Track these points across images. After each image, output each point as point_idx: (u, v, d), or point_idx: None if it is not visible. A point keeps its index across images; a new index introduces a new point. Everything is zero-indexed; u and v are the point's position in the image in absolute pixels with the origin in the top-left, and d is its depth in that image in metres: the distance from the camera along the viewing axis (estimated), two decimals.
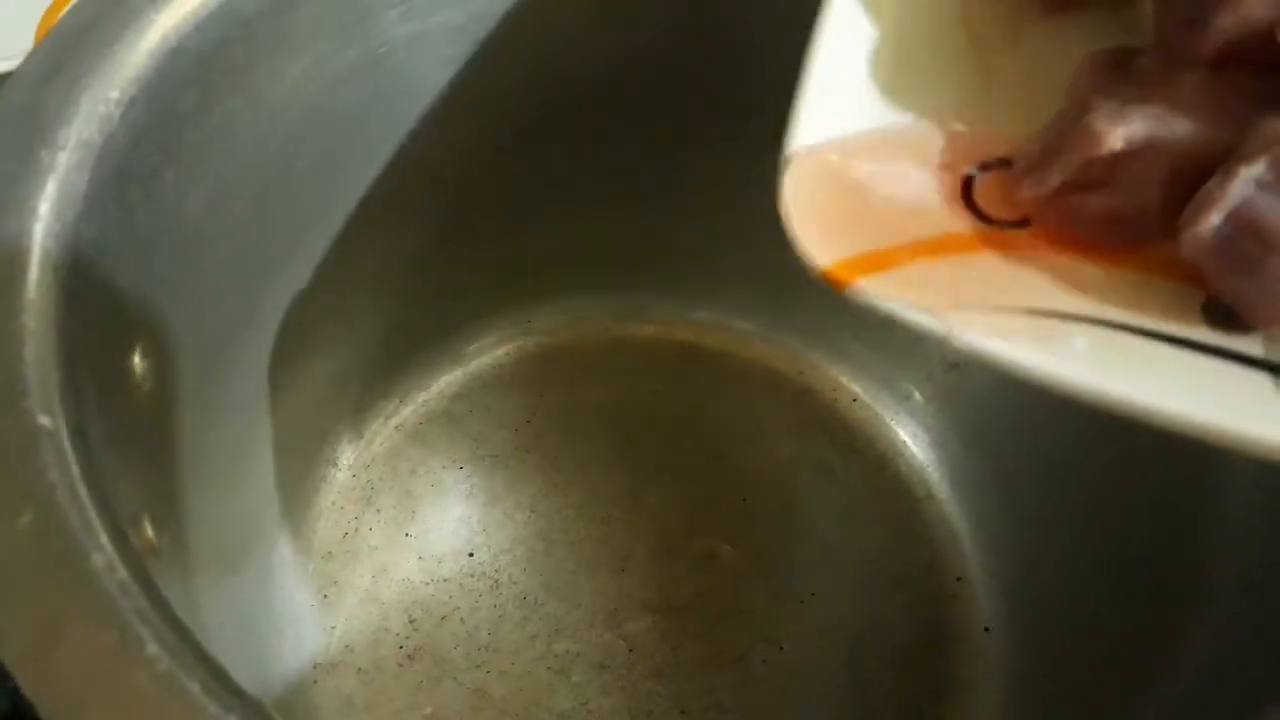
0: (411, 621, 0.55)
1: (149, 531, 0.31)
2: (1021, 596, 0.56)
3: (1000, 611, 0.57)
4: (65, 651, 0.23)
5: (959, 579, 0.58)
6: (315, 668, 0.53)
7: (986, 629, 0.56)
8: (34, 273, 0.29)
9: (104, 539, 0.25)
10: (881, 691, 0.54)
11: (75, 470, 0.26)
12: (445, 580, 0.56)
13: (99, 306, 0.32)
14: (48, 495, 0.25)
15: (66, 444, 0.27)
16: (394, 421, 0.61)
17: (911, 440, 0.63)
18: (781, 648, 0.55)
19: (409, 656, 0.53)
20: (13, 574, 0.24)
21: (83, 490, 0.26)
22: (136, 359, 0.34)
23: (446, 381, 0.62)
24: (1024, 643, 0.55)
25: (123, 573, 0.24)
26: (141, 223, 0.35)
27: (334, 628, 0.54)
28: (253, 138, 0.42)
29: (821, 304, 0.63)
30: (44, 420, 0.26)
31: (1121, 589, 0.49)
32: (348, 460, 0.59)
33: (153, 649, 0.23)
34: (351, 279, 0.53)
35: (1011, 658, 0.55)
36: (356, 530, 0.57)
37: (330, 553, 0.56)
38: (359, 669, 0.53)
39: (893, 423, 0.63)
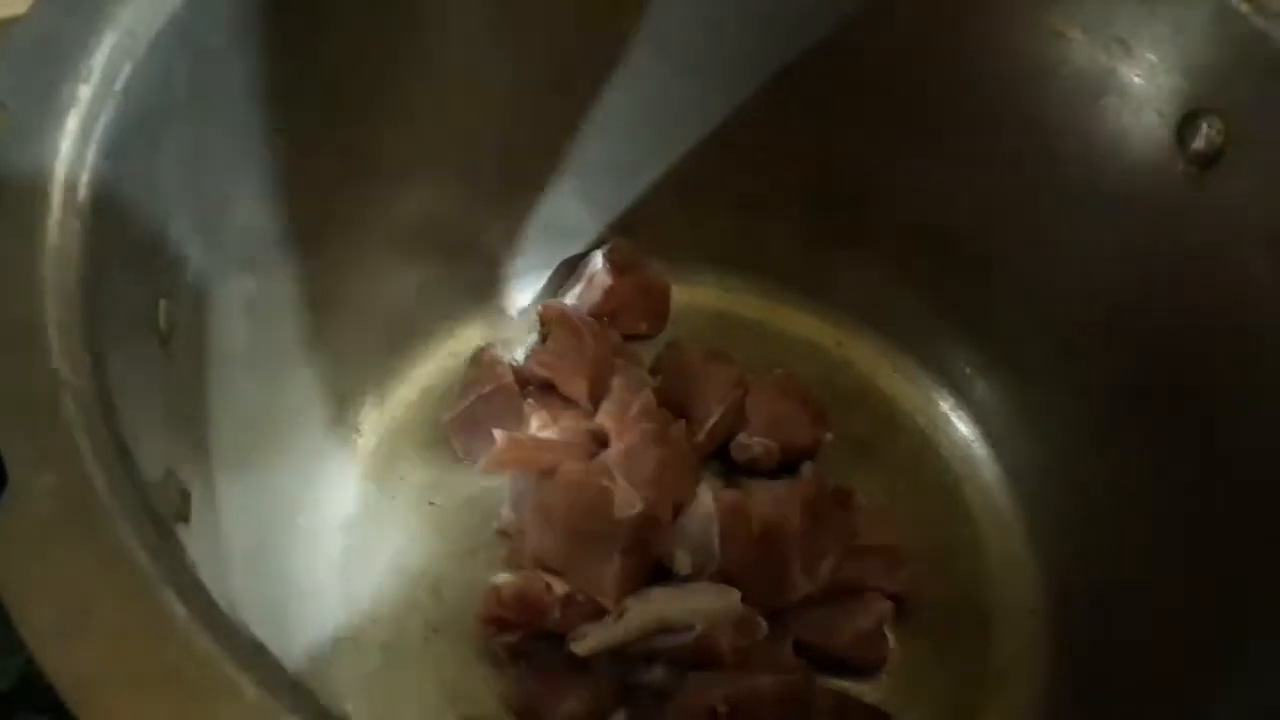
0: (438, 594, 0.52)
1: (177, 496, 0.29)
2: (1069, 579, 0.54)
3: (1047, 595, 0.54)
4: (92, 628, 0.21)
5: (1003, 561, 0.56)
6: (337, 641, 0.50)
7: (1032, 611, 0.54)
8: (55, 215, 0.27)
9: (132, 503, 0.23)
10: (922, 674, 0.51)
11: (101, 428, 0.24)
12: (472, 552, 0.54)
13: (125, 253, 0.30)
14: (72, 455, 0.23)
15: (91, 399, 0.24)
16: (420, 385, 0.58)
17: (955, 415, 0.60)
18: None
19: (435, 631, 0.51)
20: (35, 542, 0.22)
21: (109, 449, 0.24)
22: (161, 312, 0.32)
23: (477, 344, 0.60)
24: (1071, 628, 0.53)
25: (153, 539, 0.22)
26: (170, 165, 0.33)
27: (356, 600, 0.52)
28: (293, 78, 0.39)
29: (865, 271, 0.62)
30: (67, 374, 0.24)
31: (1181, 578, 0.47)
32: (370, 425, 0.57)
33: (187, 624, 0.21)
34: (390, 232, 0.51)
35: (1057, 643, 0.53)
36: (380, 498, 0.55)
37: (352, 521, 0.54)
38: (382, 643, 0.51)
39: (936, 397, 0.61)
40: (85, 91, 0.29)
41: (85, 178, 0.29)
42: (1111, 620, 0.50)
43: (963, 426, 0.60)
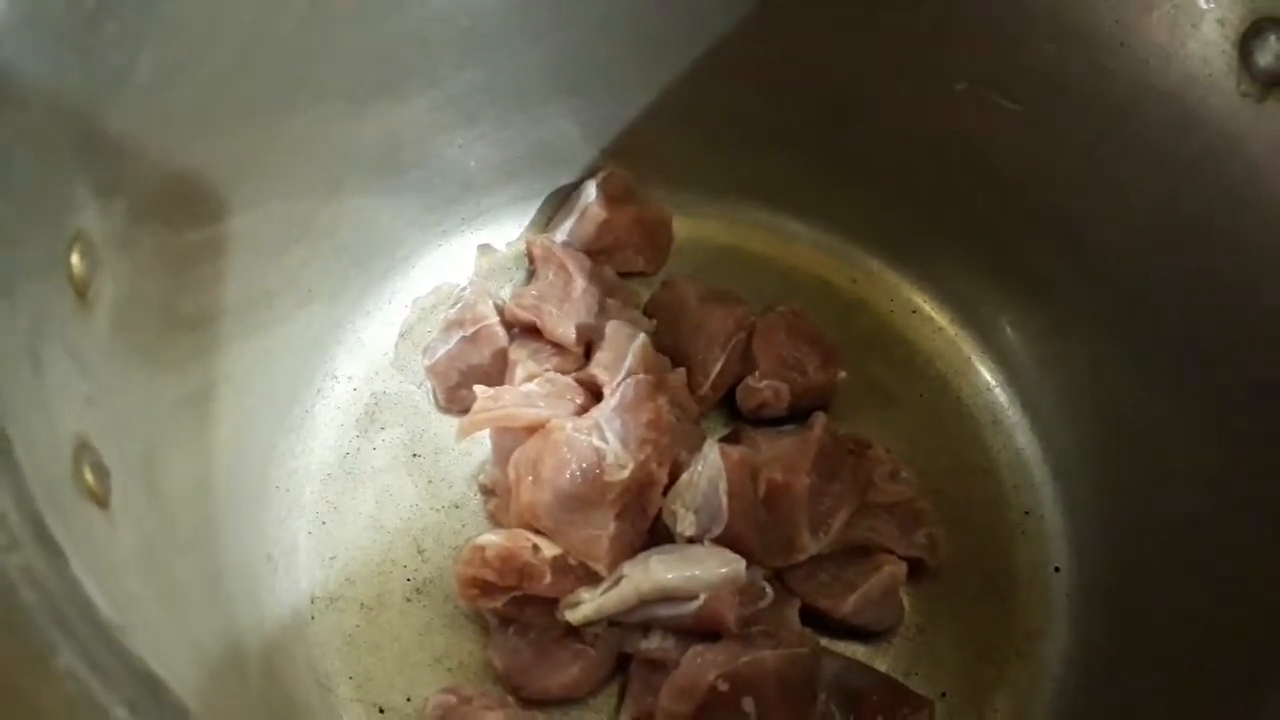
0: (420, 552, 0.49)
1: (89, 477, 0.25)
2: (1097, 535, 0.50)
3: (1073, 551, 0.51)
4: None
5: (1027, 513, 0.52)
6: (313, 602, 0.47)
7: (1057, 569, 0.50)
8: None
9: (6, 508, 0.19)
10: (937, 639, 0.48)
11: None
12: (458, 506, 0.50)
13: (15, 195, 0.25)
14: None
15: None
16: (399, 329, 0.54)
17: (978, 359, 0.56)
18: None
19: (417, 590, 0.48)
20: None
21: None
22: (75, 259, 0.28)
23: (460, 281, 0.55)
24: (1098, 587, 0.49)
25: (30, 554, 0.18)
26: (76, 88, 0.28)
27: (333, 558, 0.48)
28: None
29: (883, 203, 0.57)
30: None
31: (1218, 537, 0.44)
32: (348, 372, 0.53)
33: (66, 660, 0.17)
34: (354, 164, 0.46)
35: (1084, 603, 0.49)
36: (358, 450, 0.51)
37: (329, 475, 0.50)
38: (361, 604, 0.47)
39: (958, 340, 0.56)
40: None
41: None
42: (1140, 581, 0.47)
43: (986, 372, 0.56)
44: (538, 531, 0.45)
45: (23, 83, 0.25)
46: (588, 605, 0.43)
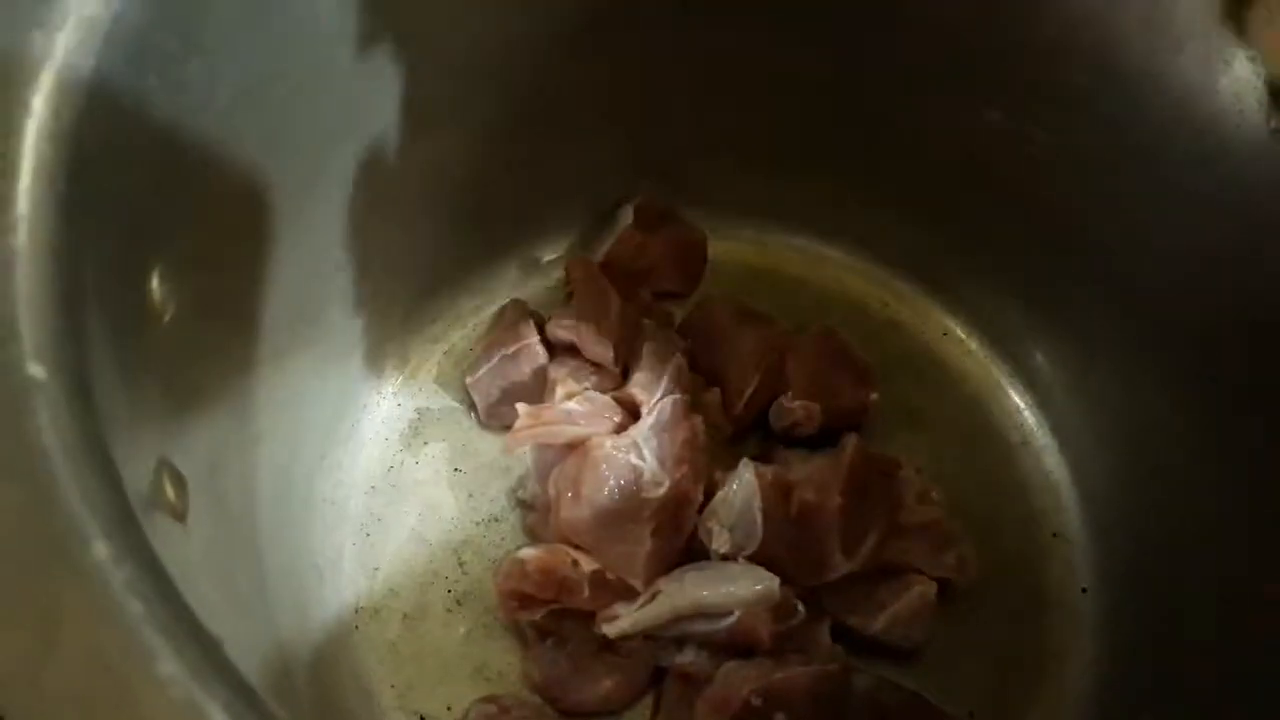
0: (461, 564, 0.50)
1: (170, 491, 0.26)
2: (1125, 557, 0.51)
3: (1101, 573, 0.51)
4: (58, 667, 0.19)
5: (1055, 535, 0.53)
6: (357, 612, 0.49)
7: (1084, 590, 0.51)
8: (25, 182, 0.24)
9: (110, 521, 0.20)
10: (966, 658, 0.49)
11: (76, 432, 0.21)
12: (497, 520, 0.51)
13: (108, 221, 0.27)
14: (42, 466, 0.20)
15: (65, 400, 0.22)
16: (443, 346, 0.56)
17: (1008, 381, 0.57)
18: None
19: (458, 602, 0.49)
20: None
21: (85, 458, 0.21)
22: (155, 283, 0.29)
23: (502, 300, 0.56)
24: (1126, 608, 0.50)
25: (131, 567, 0.20)
26: (161, 119, 0.29)
27: (377, 569, 0.50)
28: (292, 21, 0.36)
29: (914, 227, 0.58)
30: (36, 371, 0.21)
31: (1246, 559, 0.44)
32: (393, 388, 0.54)
33: (167, 666, 0.19)
34: (404, 187, 0.48)
35: (1112, 624, 0.50)
36: (402, 464, 0.53)
37: (373, 487, 0.52)
38: (404, 614, 0.49)
39: (988, 361, 0.57)
40: (61, 40, 0.26)
41: (63, 138, 0.26)
42: (1168, 602, 0.47)
43: (1015, 394, 0.56)
44: (577, 546, 0.46)
45: (118, 115, 0.27)
46: (624, 619, 0.44)
